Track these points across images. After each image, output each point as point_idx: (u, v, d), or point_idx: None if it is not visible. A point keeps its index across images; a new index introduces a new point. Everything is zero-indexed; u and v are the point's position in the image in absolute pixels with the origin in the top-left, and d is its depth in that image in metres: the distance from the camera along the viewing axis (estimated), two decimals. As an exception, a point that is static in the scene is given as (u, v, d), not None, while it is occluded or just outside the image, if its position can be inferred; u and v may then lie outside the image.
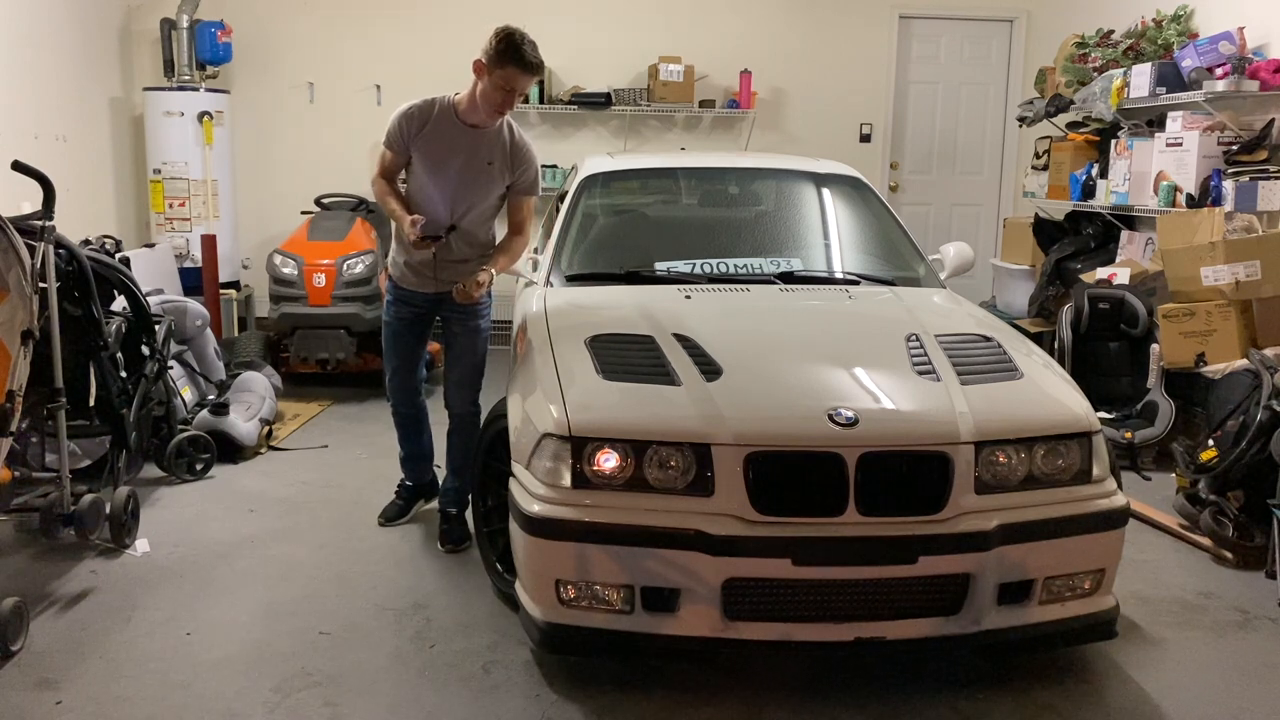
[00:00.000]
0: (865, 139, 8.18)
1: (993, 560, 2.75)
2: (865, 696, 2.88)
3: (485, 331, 3.88)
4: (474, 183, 3.65)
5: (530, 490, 2.83)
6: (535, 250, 4.21)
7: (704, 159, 5.61)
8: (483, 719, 2.77)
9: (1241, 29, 5.56)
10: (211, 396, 5.12)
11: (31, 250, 3.26)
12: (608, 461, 2.77)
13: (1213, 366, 4.95)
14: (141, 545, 3.82)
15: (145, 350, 4.33)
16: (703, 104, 7.82)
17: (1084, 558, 2.88)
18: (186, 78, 7.22)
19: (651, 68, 7.72)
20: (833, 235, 4.35)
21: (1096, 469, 2.92)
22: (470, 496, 3.74)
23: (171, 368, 4.70)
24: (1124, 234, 6.38)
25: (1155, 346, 5.27)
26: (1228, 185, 5.27)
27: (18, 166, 3.52)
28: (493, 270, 3.68)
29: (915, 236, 4.37)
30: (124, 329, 4.15)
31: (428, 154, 3.64)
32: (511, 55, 3.41)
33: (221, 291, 6.64)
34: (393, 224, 3.78)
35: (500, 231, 3.88)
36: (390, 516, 4.17)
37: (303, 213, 7.06)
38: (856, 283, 3.93)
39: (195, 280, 6.56)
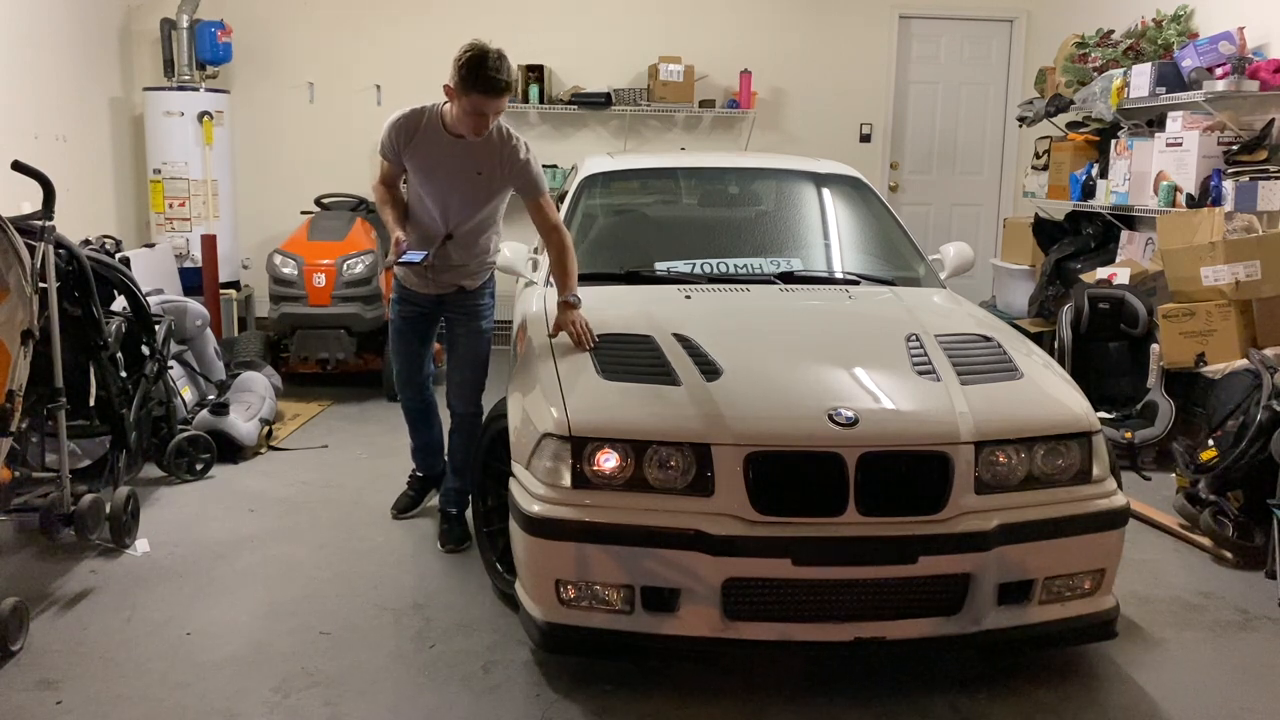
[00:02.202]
0: (865, 139, 8.18)
1: (993, 560, 2.75)
2: (865, 696, 2.88)
3: (487, 333, 3.88)
4: (466, 192, 3.62)
5: (530, 490, 2.83)
6: (535, 250, 4.21)
7: (704, 159, 5.61)
8: (483, 719, 2.77)
9: (1241, 29, 5.56)
10: (211, 396, 5.12)
11: (31, 250, 3.26)
12: (608, 461, 2.77)
13: (1213, 366, 4.94)
14: (141, 545, 3.82)
15: (145, 350, 4.32)
16: (703, 104, 7.82)
17: (1084, 558, 2.88)
18: (186, 78, 7.21)
19: (651, 68, 7.71)
20: (833, 235, 4.36)
21: (1096, 469, 2.92)
22: (470, 496, 3.75)
23: (171, 368, 4.69)
24: (1124, 234, 6.38)
25: (1155, 346, 5.27)
26: (1228, 185, 5.27)
27: (18, 166, 3.52)
28: (569, 298, 3.37)
29: (915, 236, 4.37)
30: (124, 329, 4.15)
31: (419, 164, 3.61)
32: (474, 82, 3.28)
33: (221, 291, 6.64)
34: None
35: (502, 234, 3.88)
36: (403, 508, 4.20)
37: (303, 213, 7.05)
38: (856, 283, 3.93)
39: (195, 280, 6.56)
